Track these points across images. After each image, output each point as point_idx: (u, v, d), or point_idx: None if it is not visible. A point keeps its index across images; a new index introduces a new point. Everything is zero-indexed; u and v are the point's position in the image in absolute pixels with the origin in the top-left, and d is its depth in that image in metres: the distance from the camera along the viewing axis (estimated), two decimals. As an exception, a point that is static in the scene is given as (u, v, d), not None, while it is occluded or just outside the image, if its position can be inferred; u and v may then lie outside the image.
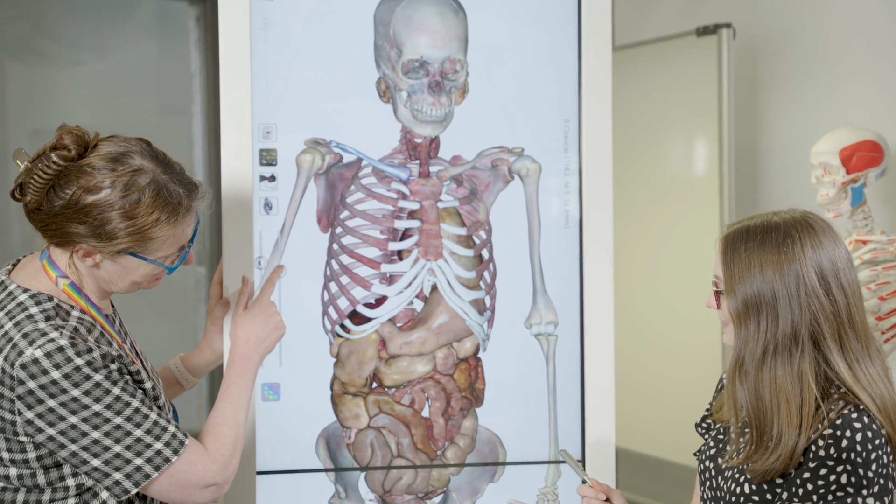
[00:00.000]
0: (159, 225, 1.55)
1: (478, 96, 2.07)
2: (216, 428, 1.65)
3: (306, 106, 2.02)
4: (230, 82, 1.97)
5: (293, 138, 2.02)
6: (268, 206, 2.01)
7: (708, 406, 1.72)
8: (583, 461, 2.10)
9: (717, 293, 1.54)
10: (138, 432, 1.50)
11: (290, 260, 2.01)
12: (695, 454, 1.69)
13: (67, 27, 4.34)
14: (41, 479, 1.51)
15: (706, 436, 1.68)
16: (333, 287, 2.03)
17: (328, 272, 2.03)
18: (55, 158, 1.51)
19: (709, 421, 1.69)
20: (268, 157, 2.01)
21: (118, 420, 1.48)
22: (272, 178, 2.01)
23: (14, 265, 1.63)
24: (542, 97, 2.10)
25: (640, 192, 3.85)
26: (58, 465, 1.52)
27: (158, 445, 1.51)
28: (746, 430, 1.53)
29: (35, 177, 1.51)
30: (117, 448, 1.48)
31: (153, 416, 1.52)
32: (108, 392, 1.47)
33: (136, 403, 1.50)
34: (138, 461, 1.50)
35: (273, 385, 2.02)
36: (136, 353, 1.69)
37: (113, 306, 1.71)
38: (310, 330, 2.03)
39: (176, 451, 1.53)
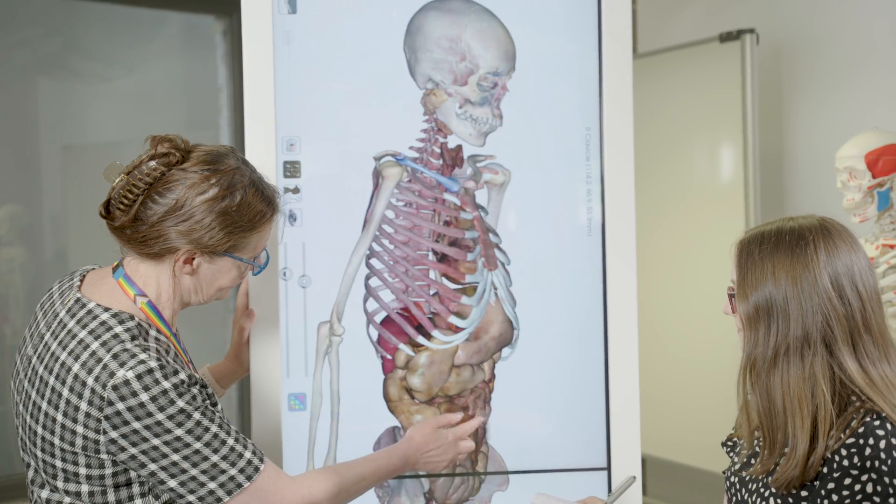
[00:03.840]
0: (259, 221, 1.62)
1: (500, 105, 2.08)
2: (324, 476, 1.64)
3: (329, 118, 2.05)
4: (254, 95, 2.00)
5: (316, 150, 2.04)
6: (292, 217, 2.03)
7: (734, 425, 1.71)
8: (608, 469, 2.10)
9: (732, 297, 1.54)
10: (215, 458, 1.52)
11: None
12: (723, 472, 1.68)
13: (97, 43, 4.40)
14: (111, 498, 1.53)
15: (730, 453, 1.68)
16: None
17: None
18: (156, 165, 1.54)
19: (735, 439, 1.69)
20: (292, 170, 2.03)
21: (197, 445, 1.50)
22: (296, 190, 2.03)
23: (81, 280, 1.64)
24: (563, 105, 2.11)
25: (665, 198, 3.85)
26: (128, 485, 1.54)
27: (233, 471, 1.53)
28: (758, 435, 1.52)
29: (132, 188, 1.54)
30: (194, 471, 1.51)
31: (230, 441, 1.54)
32: (189, 417, 1.50)
33: (214, 429, 1.52)
34: (212, 485, 1.52)
35: (300, 395, 2.04)
36: (195, 369, 1.71)
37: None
38: (350, 341, 2.05)
39: (249, 478, 1.54)
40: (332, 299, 2.04)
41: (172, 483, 1.51)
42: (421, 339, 2.06)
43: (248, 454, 1.55)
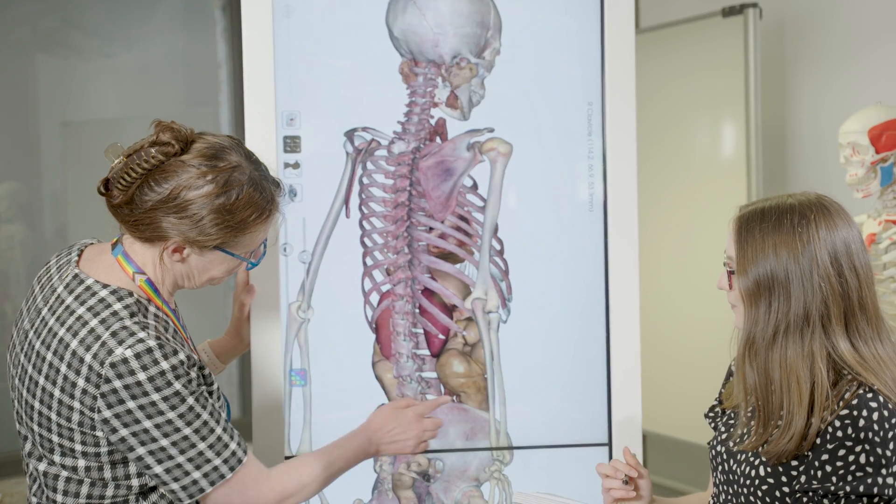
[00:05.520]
0: (254, 221, 1.59)
1: (500, 80, 2.07)
2: (299, 466, 1.65)
3: (329, 93, 2.03)
4: (254, 70, 1.99)
5: (317, 125, 2.03)
6: (292, 192, 2.02)
7: (717, 396, 1.72)
8: (609, 445, 2.10)
9: (730, 273, 1.54)
10: (202, 445, 1.52)
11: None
12: (708, 443, 1.69)
13: (96, 19, 4.37)
14: (107, 474, 1.54)
15: (713, 424, 1.69)
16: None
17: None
18: (155, 153, 1.52)
19: (717, 409, 1.70)
20: (292, 145, 2.02)
21: (187, 431, 1.50)
22: (296, 165, 2.02)
23: (79, 255, 1.63)
24: (564, 80, 2.09)
25: (667, 175, 3.83)
26: (125, 463, 1.54)
27: (217, 461, 1.53)
28: (752, 412, 1.52)
29: (130, 171, 1.52)
30: (180, 458, 1.51)
31: (218, 430, 1.54)
32: (183, 401, 1.49)
33: (205, 416, 1.52)
34: (196, 475, 1.52)
35: (300, 371, 2.04)
36: (193, 345, 1.71)
37: (174, 300, 1.72)
38: (342, 318, 2.04)
39: (232, 469, 1.54)
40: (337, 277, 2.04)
41: (158, 469, 1.51)
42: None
43: (233, 445, 1.55)
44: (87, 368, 1.48)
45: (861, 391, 1.42)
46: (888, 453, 1.39)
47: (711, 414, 1.70)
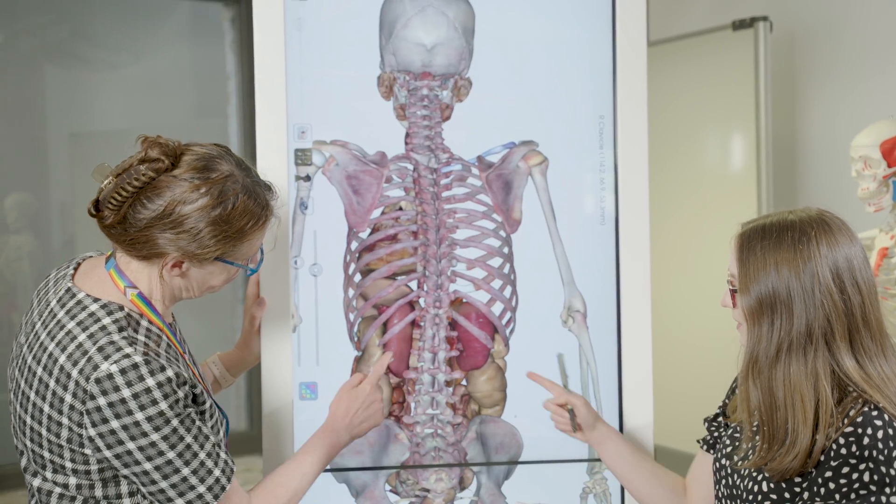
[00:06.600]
0: (251, 229, 1.58)
1: (510, 92, 2.07)
2: (274, 488, 1.66)
3: (341, 106, 2.03)
4: (265, 83, 1.98)
5: (328, 138, 2.02)
6: (303, 205, 2.02)
7: (720, 405, 1.72)
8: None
9: (733, 292, 1.54)
10: (185, 471, 1.50)
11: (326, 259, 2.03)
12: (697, 441, 1.71)
13: (105, 31, 4.39)
14: (98, 493, 1.52)
15: (716, 433, 1.69)
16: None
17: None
18: (145, 170, 1.50)
19: (720, 420, 1.70)
20: (303, 157, 2.02)
21: (170, 455, 1.48)
22: (307, 178, 2.02)
23: (76, 269, 1.62)
24: (576, 93, 2.09)
25: (677, 188, 3.83)
26: (116, 482, 1.53)
27: (201, 489, 1.52)
28: (757, 428, 1.52)
29: (121, 190, 1.50)
30: (163, 484, 1.49)
31: (202, 455, 1.52)
32: (167, 423, 1.47)
33: (188, 439, 1.50)
34: (179, 501, 1.51)
35: (310, 384, 2.03)
36: (193, 360, 1.70)
37: (172, 314, 1.71)
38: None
39: (216, 497, 1.53)
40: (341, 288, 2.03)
41: (144, 490, 1.51)
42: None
43: (217, 472, 1.54)
44: (74, 384, 1.46)
45: (866, 409, 1.41)
46: (892, 472, 1.38)
47: (715, 423, 1.70)
